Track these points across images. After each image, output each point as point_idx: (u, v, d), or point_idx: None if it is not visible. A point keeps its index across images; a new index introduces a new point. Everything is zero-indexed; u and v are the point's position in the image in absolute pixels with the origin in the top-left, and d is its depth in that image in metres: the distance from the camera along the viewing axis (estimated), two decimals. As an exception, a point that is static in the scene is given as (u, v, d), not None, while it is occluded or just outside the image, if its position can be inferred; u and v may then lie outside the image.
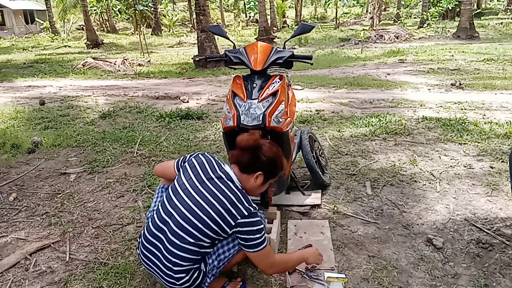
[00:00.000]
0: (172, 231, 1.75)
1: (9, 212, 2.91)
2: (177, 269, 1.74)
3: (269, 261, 1.82)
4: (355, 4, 32.46)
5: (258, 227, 1.75)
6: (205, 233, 1.73)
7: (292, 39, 6.01)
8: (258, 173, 1.86)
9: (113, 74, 10.61)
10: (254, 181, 1.87)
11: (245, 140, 1.87)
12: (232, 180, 1.81)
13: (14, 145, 4.20)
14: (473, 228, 2.51)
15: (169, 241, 1.75)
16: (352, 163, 3.55)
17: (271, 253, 1.85)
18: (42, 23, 30.36)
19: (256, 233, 1.74)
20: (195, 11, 11.05)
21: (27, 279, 2.16)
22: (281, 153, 1.95)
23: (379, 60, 11.32)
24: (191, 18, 31.45)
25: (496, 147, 3.79)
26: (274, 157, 1.90)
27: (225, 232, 1.75)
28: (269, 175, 1.92)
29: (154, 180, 3.27)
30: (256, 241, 1.75)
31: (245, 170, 1.86)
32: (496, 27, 20.08)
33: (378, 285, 2.02)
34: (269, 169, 1.90)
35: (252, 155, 1.85)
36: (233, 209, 1.73)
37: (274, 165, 1.91)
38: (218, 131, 4.67)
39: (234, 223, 1.73)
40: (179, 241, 1.73)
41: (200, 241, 1.74)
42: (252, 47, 2.49)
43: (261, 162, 1.86)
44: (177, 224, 1.75)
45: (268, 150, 1.88)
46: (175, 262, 1.74)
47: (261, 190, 1.97)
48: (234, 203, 1.74)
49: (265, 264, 1.82)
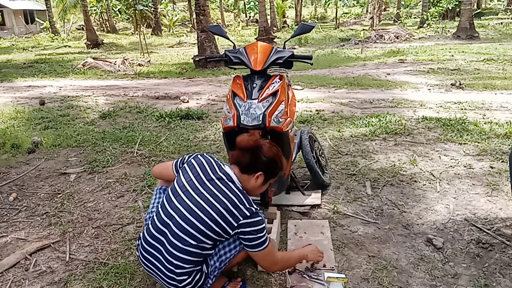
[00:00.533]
0: (174, 233, 1.74)
1: (9, 212, 2.91)
2: (179, 271, 1.73)
3: (272, 259, 1.84)
4: (355, 4, 32.46)
5: (260, 227, 1.76)
6: (207, 235, 1.73)
7: (292, 39, 6.01)
8: (258, 173, 1.87)
9: (113, 74, 10.61)
10: (255, 181, 1.87)
11: (245, 140, 1.87)
12: (233, 181, 1.81)
13: (14, 145, 4.20)
14: (473, 228, 2.51)
15: (170, 243, 1.74)
16: (352, 163, 3.55)
17: (274, 251, 1.86)
18: (42, 23, 30.37)
19: (258, 233, 1.75)
20: (195, 11, 11.05)
21: (27, 279, 2.16)
22: (281, 153, 1.95)
23: (379, 60, 11.32)
24: (191, 18, 31.46)
25: (496, 147, 3.79)
26: (274, 157, 1.90)
27: (227, 234, 1.75)
28: (270, 175, 1.92)
29: (154, 180, 3.27)
30: (259, 241, 1.76)
31: (246, 171, 1.86)
32: (496, 27, 20.08)
33: (378, 285, 2.02)
34: (269, 169, 1.90)
35: (252, 156, 1.85)
36: (235, 210, 1.73)
37: (274, 165, 1.92)
38: (218, 131, 4.67)
39: (237, 224, 1.73)
40: (181, 243, 1.72)
41: (202, 243, 1.73)
42: (252, 47, 2.49)
43: (261, 163, 1.86)
44: (178, 226, 1.74)
45: (268, 150, 1.89)
46: (177, 265, 1.73)
47: (261, 190, 1.97)
48: (236, 204, 1.74)
49: (269, 262, 1.85)
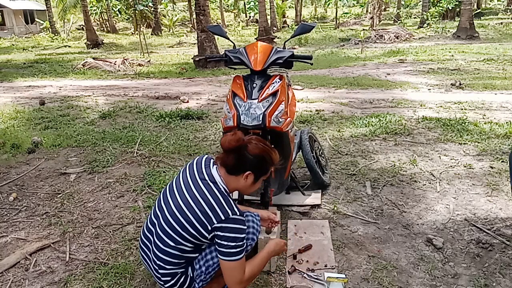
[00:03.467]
0: (157, 234, 1.73)
1: (9, 212, 2.91)
2: (162, 272, 1.72)
3: (238, 276, 1.68)
4: (355, 4, 32.43)
5: (235, 235, 1.63)
6: (184, 237, 1.67)
7: (292, 39, 6.01)
8: (247, 173, 1.75)
9: (113, 74, 10.61)
10: (245, 181, 1.76)
11: (227, 141, 1.74)
12: (215, 182, 1.72)
13: (14, 145, 4.20)
14: (473, 228, 2.51)
15: (154, 244, 1.73)
16: (352, 163, 3.55)
17: (242, 269, 1.69)
18: (42, 23, 30.37)
19: (232, 241, 1.63)
20: (195, 11, 11.05)
21: (27, 279, 2.16)
22: (268, 148, 1.82)
23: (379, 60, 11.32)
24: (191, 18, 31.45)
25: (496, 147, 3.79)
26: (261, 154, 1.77)
27: (204, 237, 1.67)
28: (260, 173, 1.81)
29: (154, 180, 3.27)
30: (230, 250, 1.63)
31: (232, 172, 1.75)
32: (496, 27, 20.07)
33: (378, 285, 2.02)
34: (258, 167, 1.79)
35: (237, 156, 1.74)
36: (211, 212, 1.64)
37: (263, 162, 1.79)
38: (218, 131, 4.67)
39: (211, 228, 1.64)
40: (162, 244, 1.70)
41: (180, 244, 1.68)
42: (252, 47, 2.49)
43: (248, 162, 1.75)
44: (161, 227, 1.71)
45: (254, 148, 1.76)
46: (160, 265, 1.72)
47: (254, 188, 1.86)
48: (212, 206, 1.65)
49: (233, 278, 1.68)
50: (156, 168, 3.57)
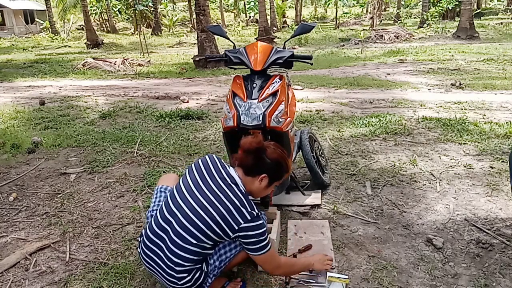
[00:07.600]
0: (175, 232, 1.75)
1: (9, 212, 2.91)
2: (179, 269, 1.74)
3: (275, 263, 1.85)
4: (355, 4, 32.43)
5: (261, 231, 1.75)
6: (207, 235, 1.73)
7: (292, 39, 6.01)
8: (262, 176, 1.84)
9: (113, 74, 10.61)
10: (259, 183, 1.85)
11: (249, 142, 1.84)
12: (236, 184, 1.80)
13: (14, 145, 4.20)
14: (473, 228, 2.50)
15: (171, 241, 1.75)
16: (352, 163, 3.55)
17: (275, 254, 1.86)
18: (42, 23, 30.36)
19: (260, 236, 1.74)
20: (195, 11, 11.05)
21: (27, 279, 2.16)
22: (286, 155, 1.92)
23: (379, 60, 11.32)
24: (191, 18, 31.45)
25: (496, 147, 3.79)
26: (278, 159, 1.87)
27: (228, 236, 1.75)
28: (274, 178, 1.89)
29: (154, 180, 3.27)
30: (260, 245, 1.75)
31: (249, 173, 1.84)
32: (496, 27, 20.08)
33: (378, 285, 2.02)
34: (274, 172, 1.87)
35: (256, 158, 1.83)
36: (237, 214, 1.72)
37: (279, 167, 1.88)
38: (218, 131, 4.67)
39: (238, 228, 1.72)
40: (182, 241, 1.73)
41: (202, 242, 1.74)
42: (252, 47, 2.49)
43: (266, 165, 1.84)
44: (180, 224, 1.74)
45: (272, 152, 1.86)
46: (177, 262, 1.74)
47: (266, 192, 1.94)
48: (238, 207, 1.73)
49: (272, 266, 1.85)
50: (156, 168, 3.57)
